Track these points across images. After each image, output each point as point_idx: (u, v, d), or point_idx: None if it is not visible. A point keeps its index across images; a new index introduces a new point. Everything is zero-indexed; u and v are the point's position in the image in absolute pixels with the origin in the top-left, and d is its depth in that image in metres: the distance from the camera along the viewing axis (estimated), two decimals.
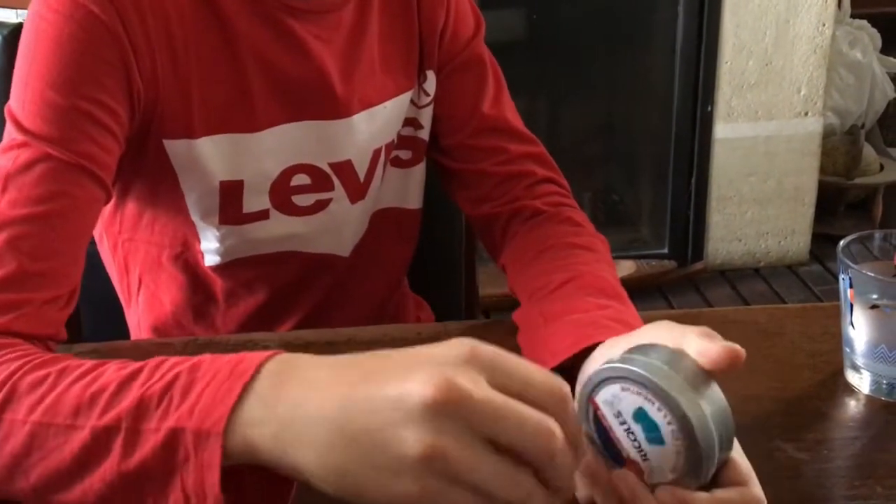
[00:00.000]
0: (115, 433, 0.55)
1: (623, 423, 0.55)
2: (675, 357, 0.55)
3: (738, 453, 0.58)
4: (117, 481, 0.54)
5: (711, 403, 0.53)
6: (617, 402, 0.54)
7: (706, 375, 0.55)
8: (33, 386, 0.58)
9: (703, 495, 0.55)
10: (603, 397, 0.55)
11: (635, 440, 0.55)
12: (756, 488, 0.56)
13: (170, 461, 0.53)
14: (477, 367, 0.48)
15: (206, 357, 0.56)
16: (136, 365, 0.58)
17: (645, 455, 0.55)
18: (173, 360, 0.57)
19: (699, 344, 0.56)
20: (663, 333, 0.61)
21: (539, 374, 0.49)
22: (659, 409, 0.53)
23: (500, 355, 0.49)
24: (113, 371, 0.58)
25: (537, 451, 0.47)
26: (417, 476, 0.46)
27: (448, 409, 0.46)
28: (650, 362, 0.54)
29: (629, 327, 0.72)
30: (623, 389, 0.53)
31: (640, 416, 0.54)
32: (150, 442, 0.53)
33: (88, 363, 0.60)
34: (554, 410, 0.48)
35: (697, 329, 0.57)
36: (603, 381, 0.55)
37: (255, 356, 0.54)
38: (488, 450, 0.46)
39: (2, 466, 0.57)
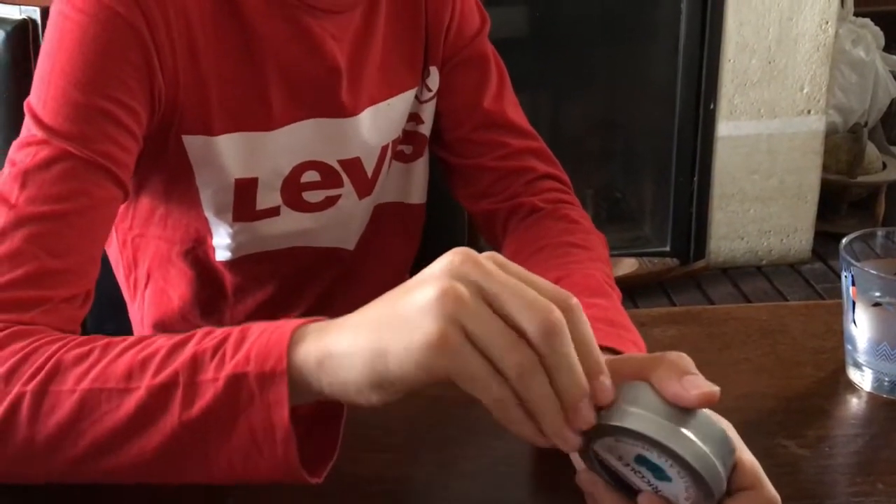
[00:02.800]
0: (174, 388, 0.56)
1: (627, 465, 0.55)
2: (652, 397, 0.54)
3: (745, 454, 0.57)
4: (180, 432, 0.56)
5: (702, 432, 0.53)
6: (616, 450, 0.54)
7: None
8: (79, 359, 0.60)
9: None
10: (601, 446, 0.55)
11: (644, 478, 0.55)
12: (766, 488, 0.56)
13: (233, 406, 0.55)
14: (489, 258, 0.53)
15: (253, 323, 0.59)
16: (184, 334, 0.60)
17: (657, 489, 0.55)
18: (225, 328, 0.59)
19: (671, 388, 0.53)
20: (629, 369, 0.58)
21: (539, 279, 0.53)
22: (658, 456, 0.53)
23: (504, 260, 0.53)
24: (163, 339, 0.59)
25: (538, 324, 0.50)
26: (435, 318, 0.50)
27: (464, 269, 0.51)
28: (633, 413, 0.53)
29: (611, 324, 0.72)
30: (617, 440, 0.53)
31: (642, 460, 0.54)
32: (210, 391, 0.55)
33: (132, 337, 0.61)
34: (556, 300, 0.51)
35: (665, 365, 0.55)
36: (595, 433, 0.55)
37: (296, 320, 0.57)
38: (497, 316, 0.50)
39: (45, 438, 0.58)
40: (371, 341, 0.53)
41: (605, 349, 0.67)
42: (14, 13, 1.04)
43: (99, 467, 0.58)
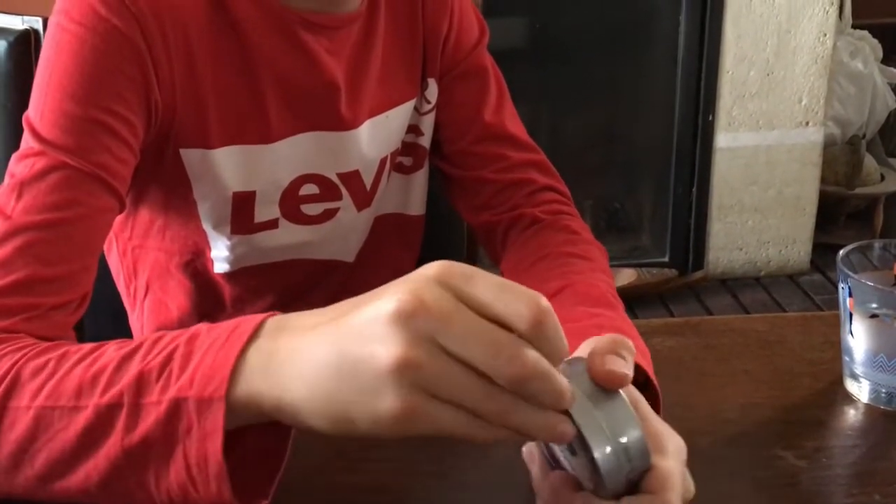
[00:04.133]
0: (118, 409, 0.55)
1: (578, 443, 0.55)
2: (582, 372, 0.54)
3: (665, 461, 0.56)
4: (121, 458, 0.55)
5: (609, 414, 0.53)
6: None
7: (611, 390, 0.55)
8: (35, 372, 0.59)
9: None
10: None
11: (563, 453, 0.56)
12: (670, 494, 0.55)
13: (173, 432, 0.53)
14: (450, 283, 0.48)
15: (203, 327, 0.57)
16: (134, 342, 0.58)
17: (572, 466, 0.56)
18: (172, 333, 0.57)
19: (594, 362, 0.53)
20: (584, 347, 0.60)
21: (515, 291, 0.48)
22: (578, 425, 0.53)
23: (474, 272, 0.49)
24: (113, 350, 0.58)
25: (506, 374, 0.47)
26: (396, 390, 0.47)
27: (415, 320, 0.46)
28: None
29: (617, 332, 0.72)
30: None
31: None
32: (152, 415, 0.54)
33: (88, 346, 0.60)
34: (529, 327, 0.47)
35: (603, 342, 0.55)
36: None
37: (251, 319, 0.54)
38: (456, 360, 0.46)
39: (7, 456, 0.58)
40: (331, 399, 0.49)
41: None
42: (16, 23, 1.05)
43: (56, 487, 0.58)
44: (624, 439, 0.53)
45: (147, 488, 0.55)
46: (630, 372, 0.53)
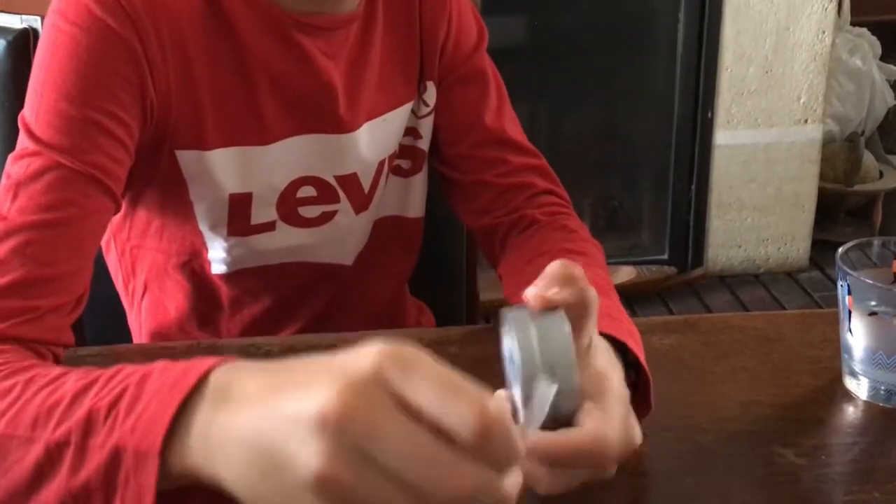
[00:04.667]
0: (66, 448, 0.54)
1: (505, 366, 0.58)
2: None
3: (605, 400, 0.57)
4: (67, 498, 0.54)
5: (543, 332, 0.55)
6: (503, 345, 0.58)
7: (557, 311, 0.57)
8: (1, 396, 0.58)
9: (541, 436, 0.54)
10: (503, 342, 0.58)
11: (509, 381, 0.57)
12: (606, 430, 0.55)
13: (112, 480, 0.52)
14: (386, 379, 0.42)
15: (158, 366, 0.55)
16: (94, 374, 0.57)
17: (513, 396, 0.56)
18: (129, 368, 0.56)
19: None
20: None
21: (460, 392, 0.43)
22: (508, 342, 0.56)
23: (416, 362, 0.43)
24: (72, 381, 0.57)
25: (442, 495, 0.42)
26: (315, 497, 0.42)
27: (341, 430, 0.41)
28: (519, 306, 0.58)
29: (611, 319, 0.72)
30: (504, 333, 0.58)
31: (509, 355, 0.57)
32: (94, 459, 0.53)
33: (55, 371, 0.59)
34: (473, 438, 0.42)
35: (553, 266, 0.59)
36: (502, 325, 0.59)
37: (200, 366, 0.52)
38: (385, 477, 0.41)
39: None
40: (255, 493, 0.46)
41: (602, 335, 0.66)
42: (15, 22, 1.05)
43: None
44: (552, 359, 0.54)
45: None
46: (559, 297, 0.56)
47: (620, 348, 0.68)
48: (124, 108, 0.75)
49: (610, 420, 0.56)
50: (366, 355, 0.43)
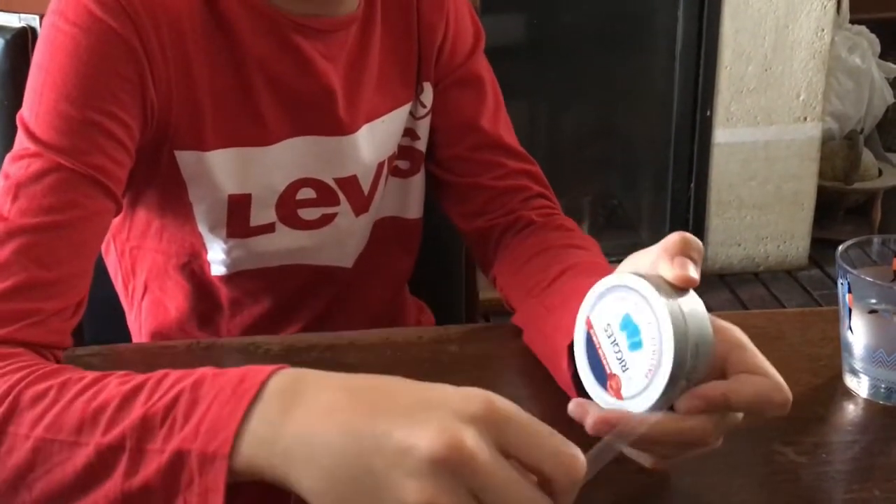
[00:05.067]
0: (120, 452, 0.54)
1: (610, 335, 0.58)
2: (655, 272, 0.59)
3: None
4: (120, 500, 0.54)
5: (689, 308, 0.57)
6: (607, 315, 0.58)
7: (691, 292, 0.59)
8: (35, 400, 0.58)
9: (718, 383, 0.58)
10: (597, 313, 0.59)
11: (619, 351, 0.57)
12: (773, 374, 0.59)
13: (174, 483, 0.53)
14: (490, 426, 0.48)
15: (209, 372, 0.56)
16: (138, 379, 0.58)
17: (625, 365, 0.57)
18: (176, 374, 0.57)
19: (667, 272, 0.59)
20: (642, 260, 0.64)
21: (552, 444, 0.49)
22: (641, 311, 0.56)
23: (515, 417, 0.48)
24: (115, 385, 0.57)
25: None
26: None
27: (452, 469, 0.46)
28: (642, 274, 0.58)
29: None
30: (616, 299, 0.57)
31: (626, 322, 0.57)
32: (154, 463, 0.53)
33: (89, 376, 0.59)
34: (561, 487, 0.48)
35: (668, 250, 0.61)
36: (599, 297, 0.59)
37: (258, 372, 0.54)
38: None
39: (5, 480, 0.57)
40: (338, 482, 0.49)
41: None
42: (13, 21, 1.05)
43: None
44: (695, 327, 0.56)
45: None
46: (697, 276, 0.58)
47: None
48: (125, 108, 0.75)
49: (771, 372, 0.59)
50: (473, 399, 0.48)
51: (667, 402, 0.57)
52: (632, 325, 0.57)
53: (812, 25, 2.60)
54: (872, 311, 0.74)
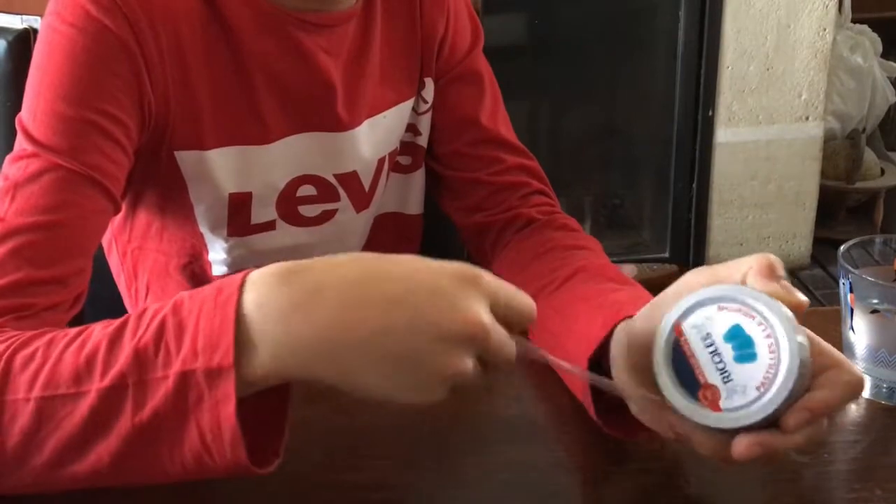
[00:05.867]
0: (123, 390, 0.56)
1: (710, 345, 0.57)
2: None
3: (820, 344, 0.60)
4: (133, 435, 0.56)
5: (798, 325, 0.57)
6: (708, 325, 0.57)
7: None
8: (25, 362, 0.59)
9: (816, 394, 0.58)
10: (692, 322, 0.58)
11: (720, 361, 0.57)
12: (848, 366, 0.60)
13: (183, 404, 0.55)
14: (484, 294, 0.57)
15: (184, 295, 0.58)
16: (118, 322, 0.59)
17: (728, 376, 0.56)
18: (153, 307, 0.58)
19: (770, 286, 0.60)
20: (720, 273, 0.64)
21: (521, 303, 0.59)
22: (759, 324, 0.55)
23: (495, 285, 0.58)
24: (99, 331, 0.59)
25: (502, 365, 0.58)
26: (441, 390, 0.55)
27: (475, 342, 0.55)
28: (751, 288, 0.58)
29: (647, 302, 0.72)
30: (720, 309, 0.57)
31: (734, 333, 0.56)
32: (160, 390, 0.55)
33: (73, 330, 0.60)
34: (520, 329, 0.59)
35: (763, 272, 0.61)
36: (693, 306, 0.59)
37: (230, 280, 0.57)
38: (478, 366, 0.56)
39: (14, 447, 0.58)
40: (377, 388, 0.56)
41: None
42: (15, 22, 1.05)
43: (66, 474, 0.58)
44: (807, 350, 0.56)
45: (161, 462, 0.56)
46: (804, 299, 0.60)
47: None
48: (122, 108, 0.75)
49: (840, 358, 0.60)
50: (468, 276, 0.57)
51: (775, 417, 0.56)
52: (742, 337, 0.56)
53: (814, 25, 2.60)
54: (874, 311, 0.74)
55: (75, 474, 0.58)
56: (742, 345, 0.56)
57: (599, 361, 0.68)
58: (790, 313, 0.57)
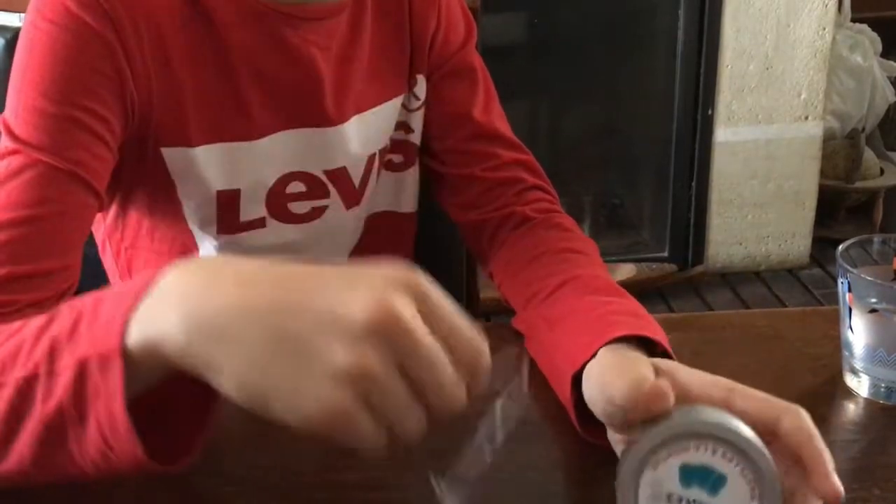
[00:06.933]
0: (35, 381, 0.54)
1: (678, 499, 0.52)
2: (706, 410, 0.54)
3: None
4: (42, 431, 0.54)
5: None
6: (660, 484, 0.52)
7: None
8: None
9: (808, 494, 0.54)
10: (643, 493, 0.52)
11: (695, 500, 0.52)
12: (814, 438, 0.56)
13: (82, 396, 0.52)
14: (416, 295, 0.49)
15: (117, 285, 0.56)
16: (54, 311, 0.57)
17: None
18: (88, 295, 0.56)
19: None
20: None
21: (464, 326, 0.50)
22: (705, 450, 0.51)
23: (433, 292, 0.50)
24: (34, 322, 0.57)
25: (441, 404, 0.49)
26: (338, 392, 0.46)
27: (383, 332, 0.47)
28: (669, 423, 0.53)
29: (636, 316, 0.72)
30: (669, 452, 0.52)
31: (687, 475, 0.52)
32: (62, 380, 0.52)
33: (18, 322, 0.59)
34: (468, 366, 0.50)
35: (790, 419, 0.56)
36: (635, 472, 0.53)
37: (155, 272, 0.52)
38: (405, 381, 0.48)
39: None
40: (264, 347, 0.48)
41: (636, 338, 0.68)
42: (14, 21, 1.05)
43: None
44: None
45: (73, 459, 0.54)
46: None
47: (648, 343, 0.69)
48: (104, 104, 0.75)
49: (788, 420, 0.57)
50: (398, 271, 0.49)
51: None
52: (696, 471, 0.51)
53: (813, 24, 2.60)
54: (873, 311, 0.74)
55: (5, 473, 0.56)
56: (703, 477, 0.51)
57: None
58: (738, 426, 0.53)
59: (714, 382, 0.59)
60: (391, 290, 0.48)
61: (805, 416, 0.56)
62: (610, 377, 0.62)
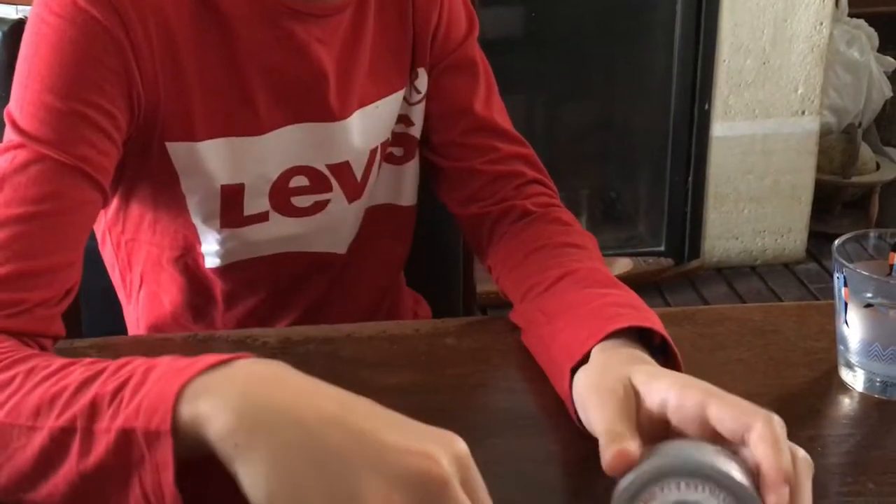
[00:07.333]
0: (72, 434, 0.55)
1: None
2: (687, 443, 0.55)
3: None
4: (78, 482, 0.55)
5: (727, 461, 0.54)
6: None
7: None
8: (2, 386, 0.59)
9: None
10: None
11: None
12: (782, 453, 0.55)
13: (125, 461, 0.53)
14: (458, 464, 0.50)
15: (167, 358, 0.56)
16: (101, 365, 0.58)
17: None
18: (139, 360, 0.57)
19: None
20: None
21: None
22: (677, 486, 0.52)
23: (474, 466, 0.51)
24: (79, 372, 0.58)
25: None
26: None
27: (426, 487, 0.48)
28: (642, 468, 0.54)
29: (634, 308, 0.73)
30: (654, 490, 0.53)
31: None
32: (102, 442, 0.54)
33: (57, 363, 0.60)
34: None
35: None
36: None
37: (213, 355, 0.54)
38: None
39: None
40: (301, 458, 0.49)
41: (636, 329, 0.70)
42: (10, 13, 1.05)
43: (22, 499, 0.57)
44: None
45: None
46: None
47: (648, 335, 0.70)
48: (110, 99, 0.75)
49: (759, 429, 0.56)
50: (454, 438, 0.51)
51: None
52: None
53: (810, 19, 2.60)
54: (868, 306, 0.74)
55: (33, 501, 0.57)
56: None
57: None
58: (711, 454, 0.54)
59: (691, 390, 0.60)
60: (442, 451, 0.49)
61: (775, 425, 0.55)
62: (590, 401, 0.64)
